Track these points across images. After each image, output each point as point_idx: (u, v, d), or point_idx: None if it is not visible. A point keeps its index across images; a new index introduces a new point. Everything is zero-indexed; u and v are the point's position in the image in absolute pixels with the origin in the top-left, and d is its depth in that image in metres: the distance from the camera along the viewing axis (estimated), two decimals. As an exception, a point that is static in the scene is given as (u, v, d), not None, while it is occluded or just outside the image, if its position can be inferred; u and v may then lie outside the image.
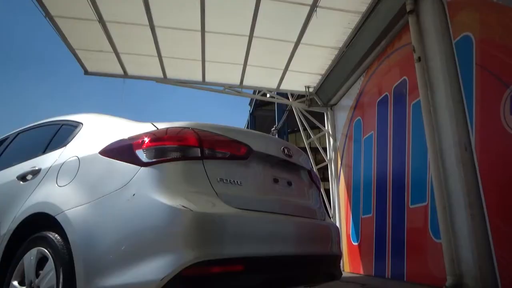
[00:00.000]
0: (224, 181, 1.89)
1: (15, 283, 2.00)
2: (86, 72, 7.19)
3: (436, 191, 4.37)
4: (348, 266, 7.26)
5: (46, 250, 1.90)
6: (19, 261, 2.03)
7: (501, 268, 3.66)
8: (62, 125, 2.64)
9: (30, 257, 1.97)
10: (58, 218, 1.89)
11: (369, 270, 6.29)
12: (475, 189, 3.97)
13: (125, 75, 7.27)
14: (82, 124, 2.45)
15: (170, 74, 7.34)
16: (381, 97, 6.18)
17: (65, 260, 1.77)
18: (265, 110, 19.95)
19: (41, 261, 1.92)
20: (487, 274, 3.76)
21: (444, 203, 4.27)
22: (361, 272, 6.62)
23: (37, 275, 1.91)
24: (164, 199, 1.67)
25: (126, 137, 1.97)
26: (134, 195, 1.72)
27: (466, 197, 4.02)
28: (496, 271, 3.70)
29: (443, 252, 4.20)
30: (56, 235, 1.88)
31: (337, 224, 7.41)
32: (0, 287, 2.09)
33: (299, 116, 8.83)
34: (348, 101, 7.63)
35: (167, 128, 1.93)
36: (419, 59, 4.72)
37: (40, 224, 2.02)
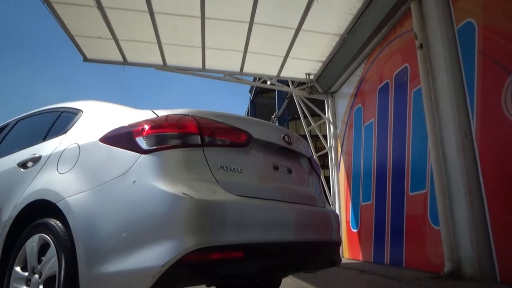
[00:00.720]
0: (225, 168, 1.89)
1: (18, 269, 2.02)
2: (86, 59, 7.14)
3: (436, 178, 4.38)
4: (348, 253, 7.33)
5: (47, 237, 1.91)
6: (21, 247, 2.04)
7: (499, 254, 3.69)
8: (62, 112, 2.64)
9: (32, 244, 1.98)
10: (59, 205, 1.89)
11: (368, 256, 6.34)
12: (475, 177, 3.99)
13: (125, 62, 7.22)
14: (82, 111, 2.44)
15: (170, 61, 7.30)
16: (382, 84, 6.15)
17: (67, 247, 1.78)
18: (266, 97, 19.88)
19: (43, 247, 1.93)
20: (485, 261, 3.79)
21: (444, 190, 4.29)
22: (360, 258, 6.68)
23: (39, 261, 1.93)
24: (165, 186, 1.67)
25: (126, 124, 1.96)
26: (134, 182, 1.72)
27: (465, 185, 4.03)
28: (494, 257, 3.73)
29: (442, 239, 4.23)
30: (58, 221, 1.89)
31: (337, 211, 7.45)
32: (3, 273, 2.11)
33: (299, 104, 8.81)
34: (348, 89, 7.59)
35: (167, 115, 1.92)
36: (421, 46, 4.68)
37: (41, 211, 2.03)
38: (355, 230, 7.03)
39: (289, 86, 9.05)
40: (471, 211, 3.95)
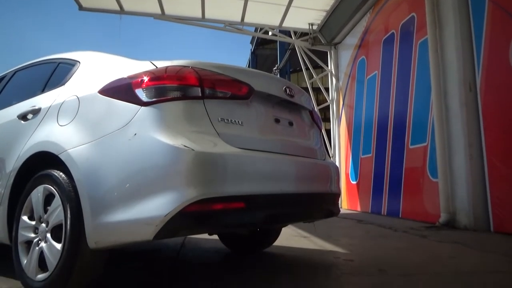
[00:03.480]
0: (225, 121, 1.88)
1: (25, 218, 2.08)
2: (81, 7, 6.90)
3: (437, 131, 4.39)
4: (346, 204, 7.52)
5: (52, 187, 1.94)
6: (27, 198, 2.09)
7: (494, 206, 3.77)
8: (59, 63, 2.58)
9: (37, 194, 2.02)
10: (62, 156, 1.91)
11: (366, 207, 6.51)
12: (476, 130, 3.99)
13: (122, 11, 6.98)
14: (79, 62, 2.39)
15: (168, 10, 7.05)
16: (387, 35, 5.97)
17: (71, 197, 1.82)
18: (267, 49, 19.44)
19: (48, 198, 1.98)
20: (480, 212, 3.90)
21: (444, 143, 4.32)
22: (359, 209, 6.87)
23: (45, 211, 1.98)
24: (166, 139, 1.67)
25: (125, 76, 1.93)
26: (135, 134, 1.72)
27: (466, 138, 4.05)
28: (489, 209, 3.83)
29: (439, 190, 4.32)
30: (61, 173, 1.92)
31: (337, 164, 7.55)
32: (10, 222, 2.17)
33: (301, 55, 8.62)
34: (352, 40, 7.39)
35: (166, 67, 1.88)
36: (430, -7, 4.50)
37: (45, 163, 2.05)
38: (354, 182, 7.16)
39: (291, 37, 8.81)
40: (470, 164, 3.99)
